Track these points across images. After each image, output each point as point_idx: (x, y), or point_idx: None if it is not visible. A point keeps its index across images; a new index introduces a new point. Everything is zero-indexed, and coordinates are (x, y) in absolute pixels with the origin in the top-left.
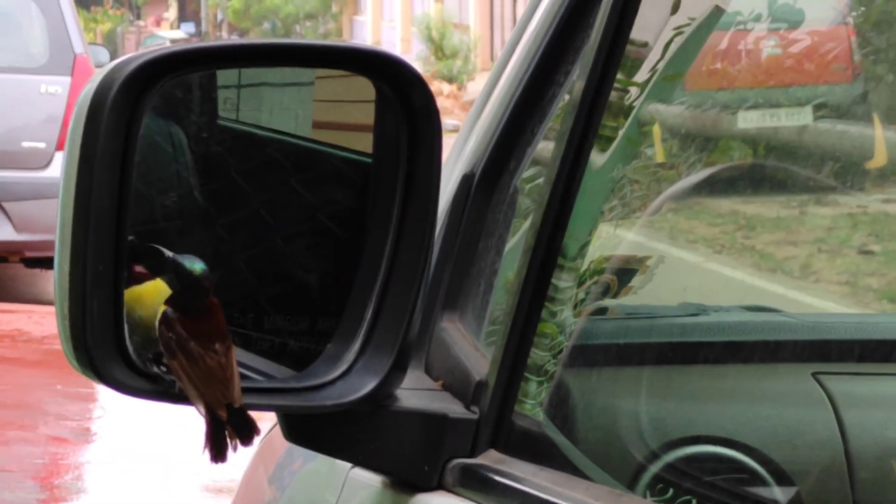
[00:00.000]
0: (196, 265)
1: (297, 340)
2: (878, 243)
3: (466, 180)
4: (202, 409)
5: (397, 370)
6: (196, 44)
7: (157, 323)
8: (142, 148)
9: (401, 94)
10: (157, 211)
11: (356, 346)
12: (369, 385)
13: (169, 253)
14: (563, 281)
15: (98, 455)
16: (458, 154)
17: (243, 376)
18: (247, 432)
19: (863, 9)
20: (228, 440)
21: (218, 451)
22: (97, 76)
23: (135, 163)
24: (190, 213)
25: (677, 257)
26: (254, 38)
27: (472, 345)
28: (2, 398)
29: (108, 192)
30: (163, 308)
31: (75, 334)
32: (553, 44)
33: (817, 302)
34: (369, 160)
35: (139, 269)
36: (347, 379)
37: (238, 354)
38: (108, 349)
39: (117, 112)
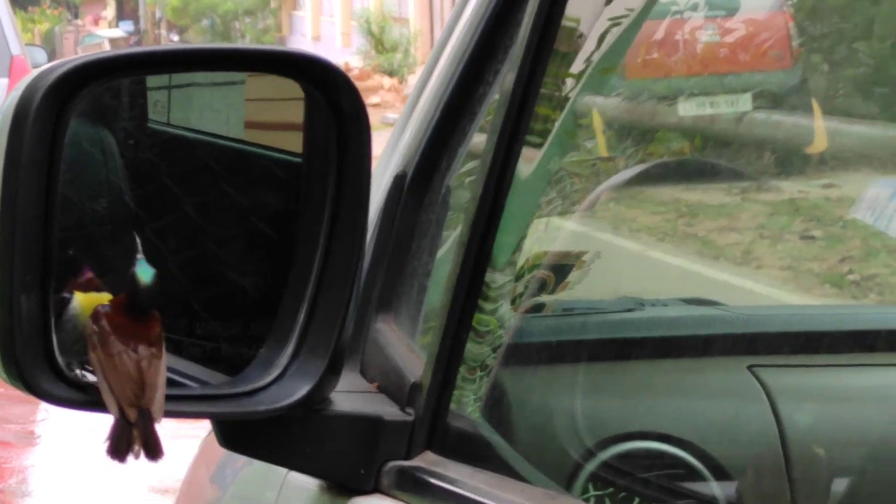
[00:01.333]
0: (146, 272)
1: (230, 345)
2: (820, 228)
3: (398, 181)
4: (113, 406)
5: (331, 374)
6: (121, 50)
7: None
8: (71, 154)
9: (329, 98)
10: (88, 216)
11: (289, 350)
12: (303, 389)
13: (139, 256)
14: (500, 275)
15: (42, 458)
16: (390, 154)
17: (175, 383)
18: (153, 447)
19: None
20: (132, 444)
21: (117, 450)
22: (22, 83)
23: (62, 170)
24: (121, 218)
25: (615, 250)
26: (180, 43)
27: (406, 346)
28: None
29: (35, 200)
30: (99, 305)
31: (3, 344)
32: (482, 42)
33: (760, 288)
34: (300, 160)
35: (90, 275)
36: (281, 383)
37: (171, 361)
38: (37, 359)
39: (42, 120)
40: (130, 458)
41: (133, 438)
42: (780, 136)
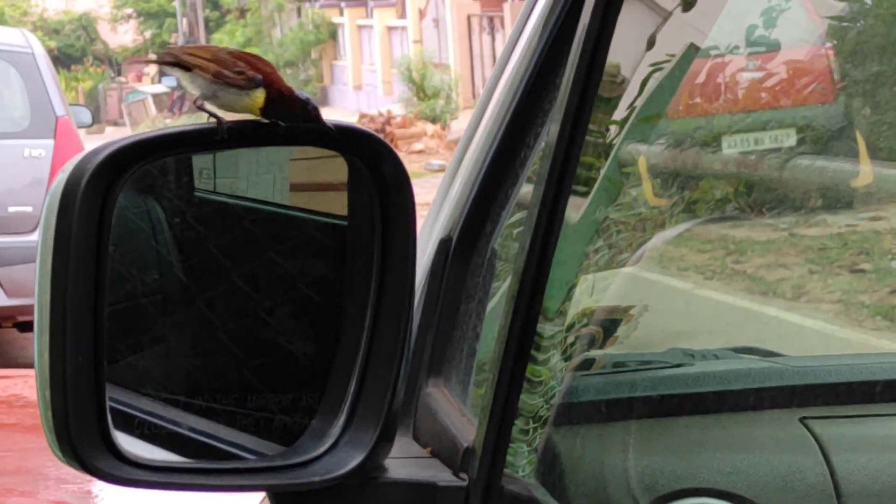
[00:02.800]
0: None
1: (283, 415)
2: (869, 261)
3: (444, 245)
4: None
5: (384, 441)
6: (162, 130)
7: None
8: (119, 227)
9: (372, 166)
10: (138, 289)
11: (341, 419)
12: (357, 458)
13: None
14: (550, 326)
15: None
16: (434, 217)
17: (231, 455)
18: None
19: (841, 25)
20: None
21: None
22: (68, 166)
23: (109, 251)
24: (171, 289)
25: (663, 291)
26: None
27: (458, 410)
28: (1, 464)
29: (84, 282)
30: None
31: (58, 425)
32: (523, 105)
33: (811, 323)
34: (346, 223)
35: None
36: (334, 453)
37: (224, 433)
38: (93, 440)
39: (89, 202)
40: None
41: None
42: (826, 170)
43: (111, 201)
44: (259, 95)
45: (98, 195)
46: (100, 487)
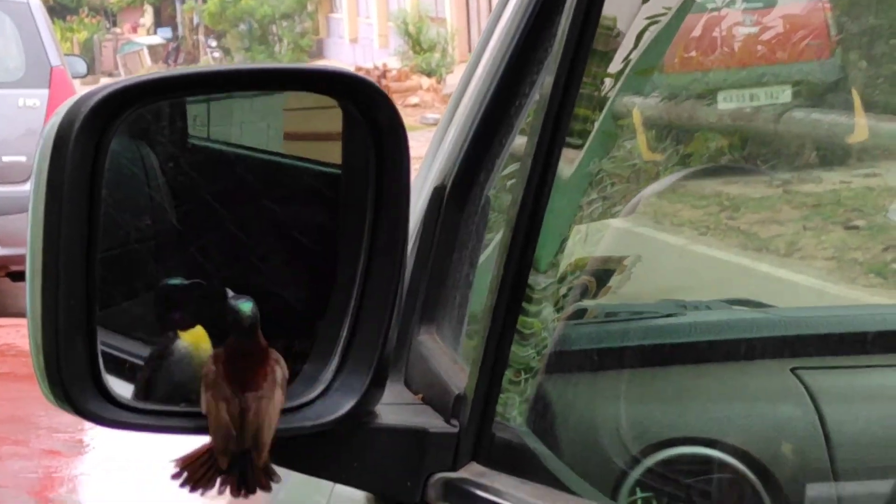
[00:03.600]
0: (243, 306)
1: None
2: (863, 218)
3: (438, 192)
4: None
5: (375, 387)
6: (158, 73)
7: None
8: (112, 173)
9: (367, 113)
10: (132, 235)
11: (333, 364)
12: (348, 404)
13: (230, 293)
14: (543, 277)
15: (92, 466)
16: (429, 165)
17: None
18: (250, 486)
19: None
20: (211, 483)
21: (194, 481)
22: (62, 108)
23: (103, 192)
24: (164, 235)
25: (657, 246)
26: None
27: (450, 357)
28: None
29: (77, 225)
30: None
31: (49, 368)
32: (519, 53)
33: (804, 279)
34: (339, 172)
35: (178, 315)
36: (326, 399)
37: None
38: (84, 382)
39: (81, 147)
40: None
41: (221, 481)
42: (820, 127)
43: (105, 144)
44: None
45: (92, 138)
46: (91, 437)
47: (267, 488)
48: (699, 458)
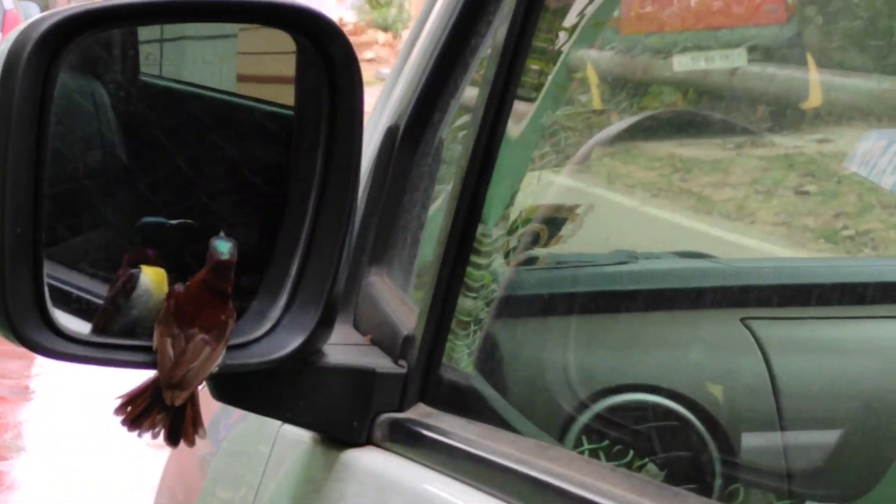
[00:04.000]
0: (221, 245)
1: None
2: (814, 183)
3: (391, 133)
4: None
5: (324, 326)
6: (110, 2)
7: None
8: (62, 107)
9: (320, 48)
10: (80, 170)
11: (281, 302)
12: (296, 342)
13: (221, 233)
14: (494, 230)
15: (37, 413)
16: (382, 107)
17: None
18: (174, 433)
19: None
20: (155, 424)
21: (136, 421)
22: (11, 35)
23: (52, 122)
24: (113, 171)
25: (610, 204)
26: None
27: (399, 299)
28: None
29: (25, 153)
30: (178, 284)
31: None
32: None
33: (754, 243)
34: (292, 113)
35: (149, 250)
36: (273, 336)
37: None
38: (29, 312)
39: (32, 72)
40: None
41: (157, 419)
42: (774, 90)
43: (55, 71)
44: None
45: (42, 63)
46: (37, 383)
47: (190, 441)
48: (647, 405)
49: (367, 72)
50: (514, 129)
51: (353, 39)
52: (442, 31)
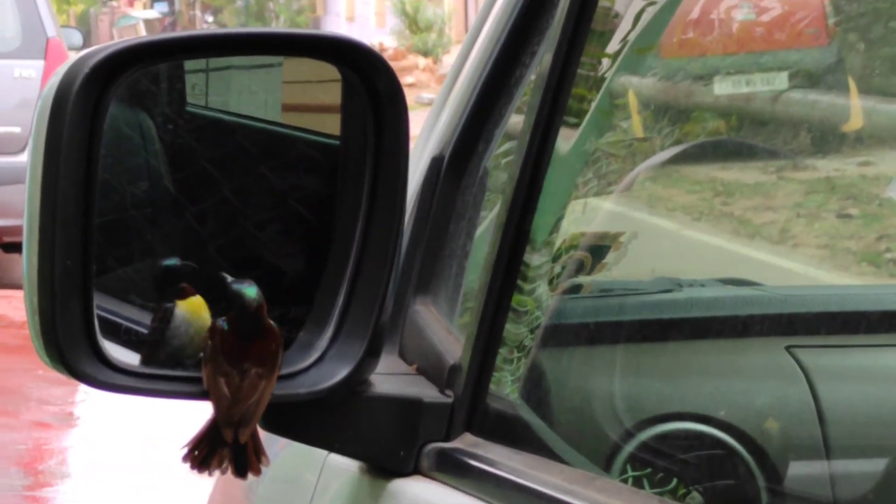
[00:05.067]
0: (248, 291)
1: None
2: (856, 206)
3: (436, 163)
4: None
5: (371, 356)
6: (158, 36)
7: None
8: (109, 138)
9: (366, 80)
10: (128, 200)
11: (329, 332)
12: (343, 372)
13: (229, 278)
14: (538, 256)
15: (81, 439)
16: (427, 136)
17: None
18: (241, 467)
19: None
20: (222, 461)
21: (202, 462)
22: (61, 69)
23: (101, 155)
24: (160, 202)
25: (652, 230)
26: (217, 28)
27: (445, 328)
28: None
29: (75, 186)
30: (218, 319)
31: (45, 329)
32: (519, 24)
33: (796, 267)
34: (338, 143)
35: (184, 284)
36: (321, 366)
37: None
38: (79, 344)
39: (81, 106)
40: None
41: (224, 456)
42: (815, 114)
43: (104, 105)
44: None
45: (91, 97)
46: (81, 409)
47: (256, 471)
48: (693, 434)
49: (407, 97)
50: (559, 155)
51: (393, 64)
52: (487, 61)
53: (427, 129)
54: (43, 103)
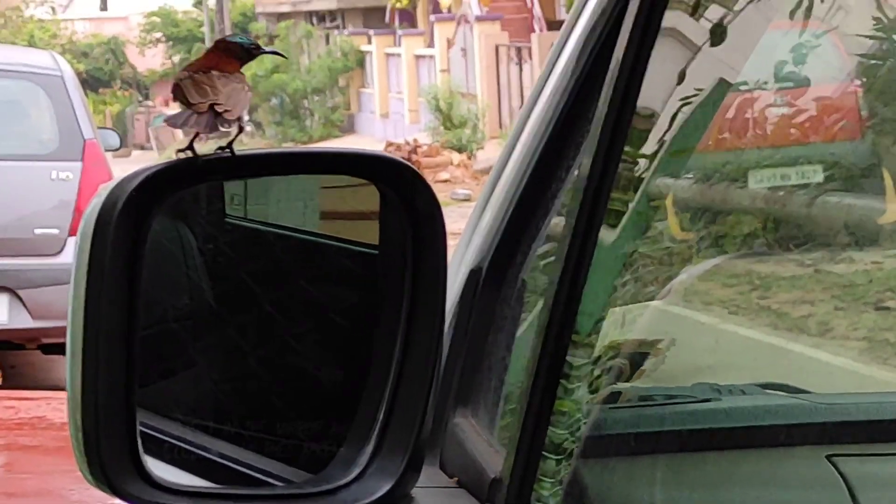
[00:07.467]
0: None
1: (312, 442)
2: (894, 298)
3: (474, 275)
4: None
5: (411, 470)
6: (197, 157)
7: None
8: (151, 252)
9: (405, 196)
10: (169, 313)
11: (370, 447)
12: (384, 487)
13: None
14: (578, 358)
15: None
16: (464, 248)
17: (258, 482)
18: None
19: (871, 63)
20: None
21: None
22: (104, 190)
23: (142, 276)
24: (201, 314)
25: (691, 327)
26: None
27: (485, 440)
28: (24, 486)
29: (118, 305)
30: None
31: (89, 448)
32: (555, 137)
33: (836, 360)
34: (376, 252)
35: None
36: (362, 482)
37: (252, 459)
38: (123, 463)
39: (123, 228)
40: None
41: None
42: (852, 208)
43: (145, 227)
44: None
45: (132, 221)
46: None
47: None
48: None
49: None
50: (598, 257)
51: (427, 160)
52: (524, 174)
53: (465, 238)
54: (86, 223)
